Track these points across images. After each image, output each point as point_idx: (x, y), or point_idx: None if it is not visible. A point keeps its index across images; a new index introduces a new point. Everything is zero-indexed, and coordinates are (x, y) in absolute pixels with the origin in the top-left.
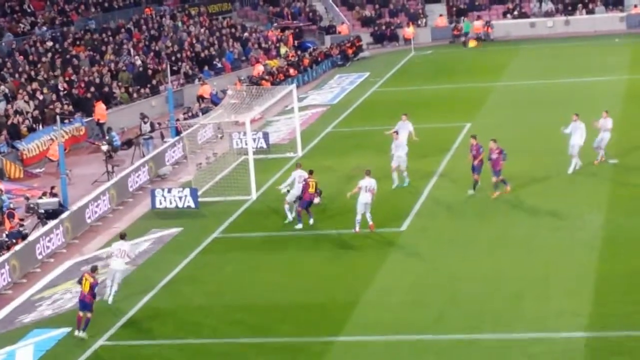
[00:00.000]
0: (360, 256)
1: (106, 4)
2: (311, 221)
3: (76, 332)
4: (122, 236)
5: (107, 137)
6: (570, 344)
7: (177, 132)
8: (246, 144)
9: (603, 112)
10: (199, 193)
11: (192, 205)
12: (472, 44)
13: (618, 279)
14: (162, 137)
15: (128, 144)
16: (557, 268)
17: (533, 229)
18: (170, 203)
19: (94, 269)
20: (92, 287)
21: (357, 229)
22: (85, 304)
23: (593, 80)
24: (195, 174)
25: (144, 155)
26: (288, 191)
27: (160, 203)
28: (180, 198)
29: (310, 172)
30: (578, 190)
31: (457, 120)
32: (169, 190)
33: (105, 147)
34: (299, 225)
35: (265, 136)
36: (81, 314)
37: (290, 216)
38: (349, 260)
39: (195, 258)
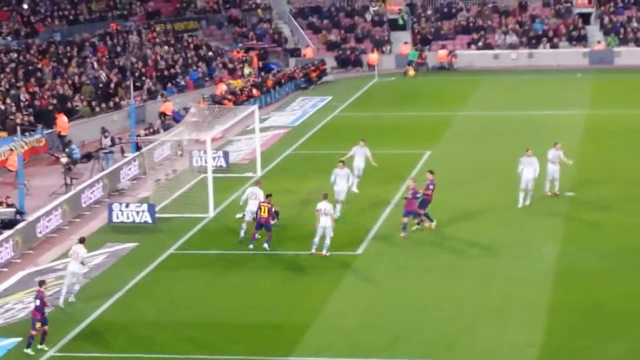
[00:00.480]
0: (316, 278)
1: (72, 17)
2: (265, 245)
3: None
4: (81, 241)
5: (67, 150)
6: None
7: (138, 148)
8: (206, 162)
9: (558, 144)
10: (157, 209)
11: (149, 220)
12: (410, 72)
13: (571, 312)
14: (123, 152)
15: (88, 157)
16: (512, 298)
17: (490, 258)
18: (128, 218)
19: (40, 283)
20: (37, 298)
21: (313, 250)
22: (31, 319)
23: (554, 113)
24: (154, 189)
25: (103, 169)
26: (243, 215)
27: (118, 217)
28: (137, 213)
29: (268, 196)
30: (535, 221)
31: (417, 148)
32: (127, 205)
33: (64, 160)
34: (250, 246)
35: (225, 155)
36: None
37: (242, 234)
38: (304, 281)
39: (150, 273)
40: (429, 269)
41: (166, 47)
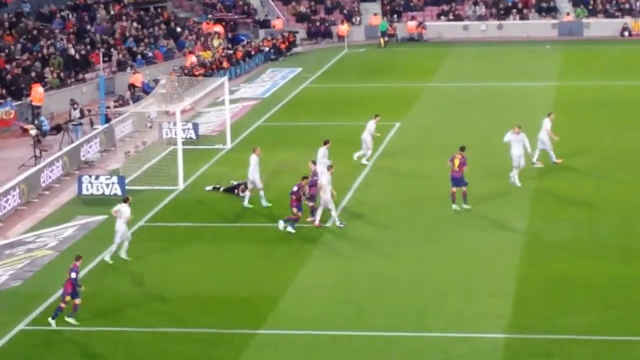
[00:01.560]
0: (285, 251)
1: None
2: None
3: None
4: (125, 200)
5: (36, 122)
6: (491, 344)
7: (107, 120)
8: (175, 134)
9: (552, 114)
10: (127, 181)
11: (119, 192)
12: (381, 42)
13: (538, 283)
14: (92, 123)
15: (57, 129)
16: (481, 270)
17: (459, 229)
18: (97, 190)
19: (77, 258)
20: (72, 271)
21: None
22: (62, 292)
23: (523, 85)
24: (124, 161)
25: (72, 141)
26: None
27: (87, 189)
28: (107, 185)
29: (304, 178)
30: (504, 192)
31: (386, 119)
32: (97, 177)
33: (34, 132)
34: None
35: (195, 127)
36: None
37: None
38: (274, 255)
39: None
40: (397, 241)
41: (134, 24)
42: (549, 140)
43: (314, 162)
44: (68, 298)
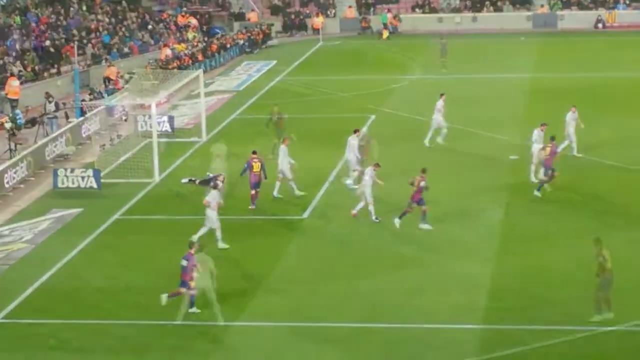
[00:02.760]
0: (263, 243)
1: None
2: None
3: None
4: (214, 187)
5: (10, 115)
6: (466, 334)
7: (82, 113)
8: (151, 127)
9: (574, 107)
10: (102, 174)
11: (95, 185)
12: (385, 34)
13: (513, 275)
14: (67, 117)
15: (32, 122)
16: (457, 262)
17: (435, 222)
18: (73, 183)
19: (190, 245)
20: (185, 259)
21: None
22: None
23: (498, 77)
24: (99, 155)
25: (47, 135)
26: (191, 180)
27: (63, 182)
28: (82, 178)
29: (254, 152)
30: (479, 185)
31: (361, 112)
32: (72, 170)
33: (8, 125)
34: (251, 207)
35: (171, 120)
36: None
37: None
38: (250, 247)
39: (95, 239)
40: (375, 234)
41: (107, 19)
42: (573, 133)
43: (254, 152)
44: (193, 283)
